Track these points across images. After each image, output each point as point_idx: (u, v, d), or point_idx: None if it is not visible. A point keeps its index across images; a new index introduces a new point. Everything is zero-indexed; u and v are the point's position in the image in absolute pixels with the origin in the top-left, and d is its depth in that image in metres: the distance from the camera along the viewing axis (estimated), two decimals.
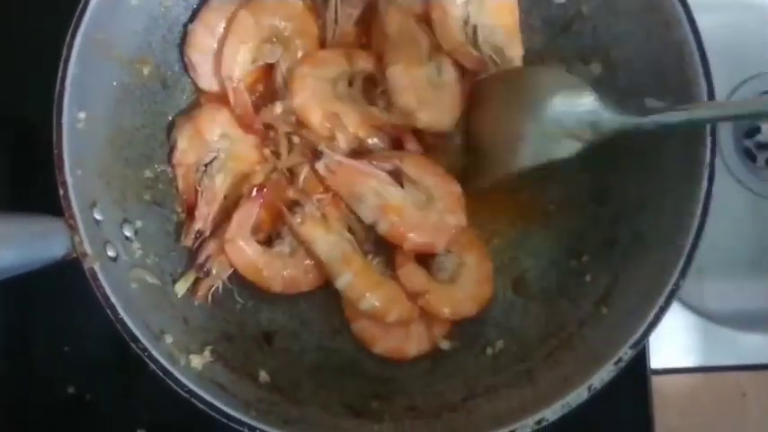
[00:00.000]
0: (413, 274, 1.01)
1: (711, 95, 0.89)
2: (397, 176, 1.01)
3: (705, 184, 0.88)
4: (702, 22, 0.91)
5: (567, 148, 0.91)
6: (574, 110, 0.91)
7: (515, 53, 1.05)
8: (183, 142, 1.03)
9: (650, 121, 0.87)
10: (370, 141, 1.03)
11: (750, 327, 1.24)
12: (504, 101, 0.99)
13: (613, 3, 1.00)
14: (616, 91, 1.01)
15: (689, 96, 0.91)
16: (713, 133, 0.89)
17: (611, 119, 0.89)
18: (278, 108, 1.05)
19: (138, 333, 0.86)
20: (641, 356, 1.12)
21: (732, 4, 1.34)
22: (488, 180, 1.02)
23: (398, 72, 1.01)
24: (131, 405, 1.13)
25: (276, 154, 1.05)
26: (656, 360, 1.18)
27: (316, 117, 1.02)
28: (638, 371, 1.14)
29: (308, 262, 1.03)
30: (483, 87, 1.04)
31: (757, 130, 1.34)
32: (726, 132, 1.32)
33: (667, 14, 0.92)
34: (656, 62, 0.96)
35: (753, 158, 1.35)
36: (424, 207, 1.00)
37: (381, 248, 1.05)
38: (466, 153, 1.05)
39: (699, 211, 0.88)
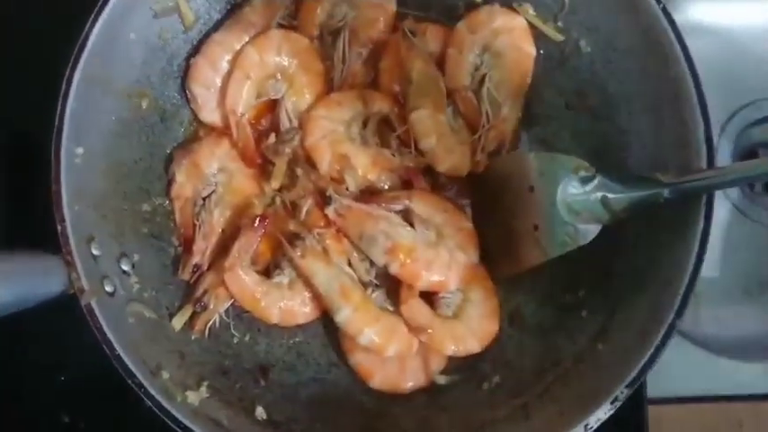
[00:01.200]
0: (416, 310, 1.01)
1: (708, 134, 0.90)
2: (407, 216, 1.02)
3: (702, 222, 0.88)
4: (698, 49, 0.92)
5: (589, 232, 0.92)
6: (582, 194, 0.92)
7: (511, 115, 1.07)
8: (181, 176, 1.03)
9: (658, 195, 0.88)
10: (379, 182, 1.04)
11: (747, 356, 1.24)
12: (510, 192, 1.01)
13: (611, 39, 1.00)
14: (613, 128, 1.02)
15: (684, 134, 0.91)
16: None
17: (620, 197, 0.90)
18: (272, 139, 1.05)
19: (134, 369, 0.86)
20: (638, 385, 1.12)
21: (728, 33, 1.34)
22: (516, 270, 1.02)
23: (424, 117, 1.03)
24: None
25: (281, 189, 1.06)
26: (653, 389, 1.17)
27: (325, 159, 1.04)
28: (634, 400, 1.13)
29: (305, 294, 1.03)
30: (485, 179, 1.06)
31: (754, 156, 1.34)
32: (724, 159, 1.32)
33: (665, 52, 0.92)
34: (652, 98, 0.97)
35: (750, 185, 1.35)
36: (434, 245, 1.01)
37: (382, 280, 1.05)
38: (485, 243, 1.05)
39: (695, 250, 0.88)
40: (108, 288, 0.91)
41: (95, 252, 0.91)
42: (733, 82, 1.33)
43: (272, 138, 1.05)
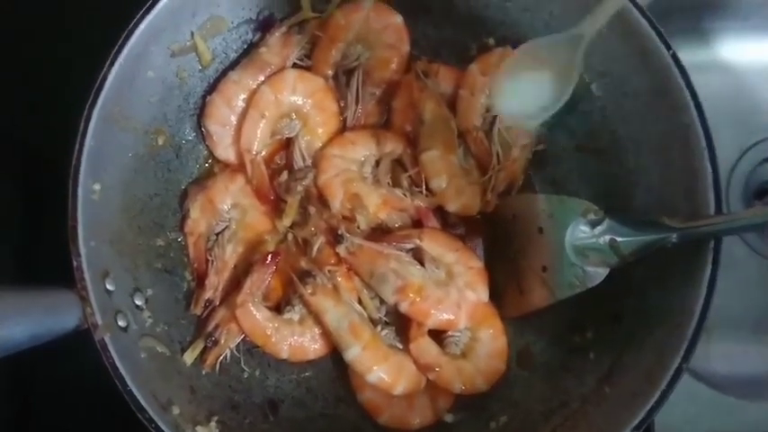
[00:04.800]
0: (425, 348, 1.02)
1: (717, 181, 0.90)
2: (418, 254, 1.03)
3: (710, 267, 0.89)
4: (710, 87, 0.92)
5: (597, 275, 0.93)
6: (590, 237, 0.93)
7: (521, 156, 1.08)
8: (196, 211, 1.05)
9: (666, 239, 0.88)
10: (390, 221, 1.06)
11: (755, 395, 1.23)
12: (519, 233, 1.02)
13: (622, 83, 1.01)
14: (623, 170, 1.03)
15: (692, 180, 0.92)
16: None
17: (629, 240, 0.90)
18: (284, 177, 1.07)
19: (145, 404, 0.87)
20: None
21: (740, 71, 1.35)
22: (525, 311, 1.03)
23: (435, 157, 1.05)
24: None
25: (293, 226, 1.07)
26: (661, 428, 1.17)
27: (337, 197, 1.05)
28: None
29: (316, 330, 1.04)
30: (494, 219, 1.08)
31: (766, 192, 1.34)
32: (735, 194, 1.32)
33: (675, 98, 0.93)
34: (661, 143, 0.97)
35: None
36: (444, 284, 1.02)
37: (392, 317, 1.06)
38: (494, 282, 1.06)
39: (703, 295, 0.88)
40: (121, 323, 0.92)
41: (109, 287, 0.92)
42: (744, 120, 1.33)
43: (285, 175, 1.06)
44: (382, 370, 0.99)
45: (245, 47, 1.10)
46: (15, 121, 1.16)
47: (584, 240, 0.93)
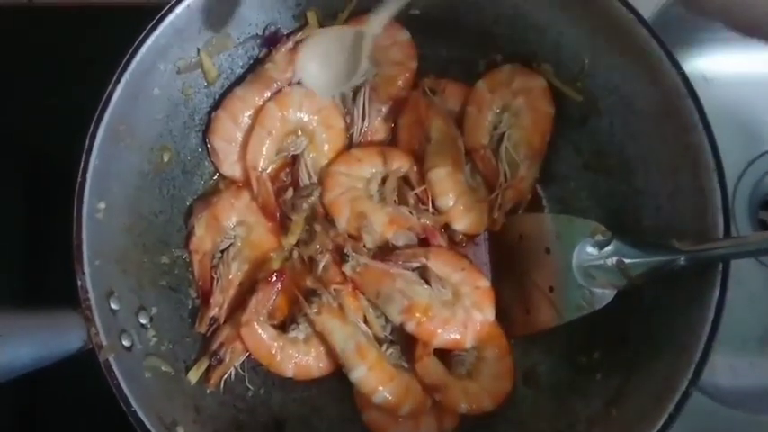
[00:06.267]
0: (431, 368, 1.01)
1: (725, 203, 0.90)
2: (424, 273, 1.02)
3: (718, 290, 0.88)
4: (715, 98, 0.92)
5: (605, 296, 0.92)
6: (598, 258, 0.92)
7: (529, 174, 1.07)
8: (201, 228, 1.04)
9: (674, 262, 0.88)
10: (396, 240, 1.05)
11: (761, 409, 1.23)
12: (526, 252, 1.02)
13: (630, 102, 1.00)
14: (630, 189, 1.02)
15: (701, 201, 0.91)
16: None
17: (636, 262, 0.90)
18: (289, 194, 1.07)
19: (149, 425, 0.86)
20: None
21: (746, 82, 1.34)
22: (531, 331, 1.03)
23: (443, 175, 1.05)
24: None
25: (299, 244, 1.07)
26: None
27: (343, 216, 1.05)
28: None
29: (321, 349, 1.03)
30: (502, 238, 1.08)
31: None
32: (741, 206, 1.31)
33: (683, 118, 0.92)
34: (670, 163, 0.96)
35: None
36: (451, 304, 1.01)
37: (397, 336, 1.05)
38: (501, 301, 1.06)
39: (711, 317, 0.88)
40: (126, 342, 0.91)
41: (114, 306, 0.91)
42: (750, 131, 1.33)
43: (291, 193, 1.06)
44: (388, 390, 0.99)
45: (251, 63, 1.09)
46: (20, 138, 1.15)
47: (592, 262, 0.93)
